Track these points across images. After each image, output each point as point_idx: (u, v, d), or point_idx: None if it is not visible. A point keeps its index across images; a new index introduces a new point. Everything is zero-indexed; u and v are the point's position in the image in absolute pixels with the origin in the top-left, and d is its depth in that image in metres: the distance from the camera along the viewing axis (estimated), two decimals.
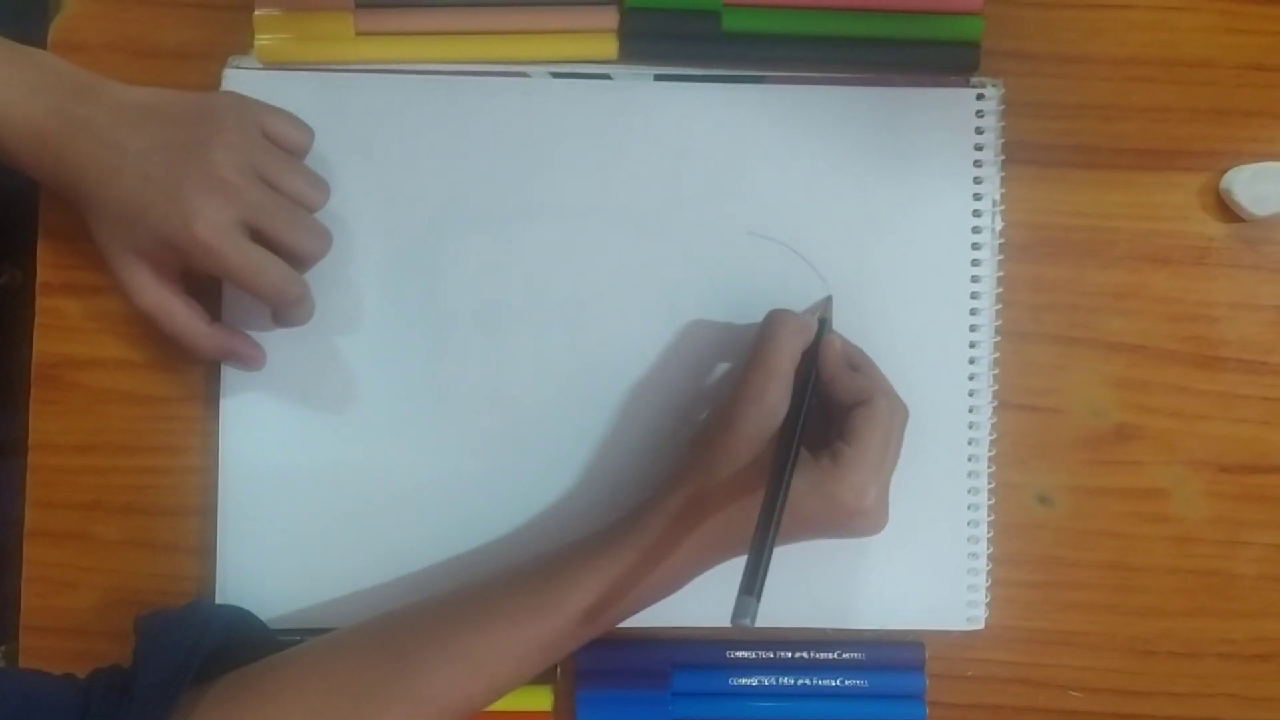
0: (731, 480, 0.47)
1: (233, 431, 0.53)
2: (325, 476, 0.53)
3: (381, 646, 0.47)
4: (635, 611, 0.48)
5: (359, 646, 0.48)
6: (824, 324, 0.51)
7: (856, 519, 0.46)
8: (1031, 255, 0.55)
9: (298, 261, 0.50)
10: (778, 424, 0.47)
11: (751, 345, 0.49)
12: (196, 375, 0.54)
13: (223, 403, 0.53)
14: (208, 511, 0.54)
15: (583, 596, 0.47)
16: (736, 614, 0.41)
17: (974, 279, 0.54)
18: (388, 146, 0.54)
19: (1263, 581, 0.55)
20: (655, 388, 0.54)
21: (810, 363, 0.49)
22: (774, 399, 0.47)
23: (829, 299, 0.53)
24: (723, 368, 0.54)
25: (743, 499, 0.46)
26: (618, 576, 0.47)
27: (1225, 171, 0.55)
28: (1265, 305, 0.56)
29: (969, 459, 0.54)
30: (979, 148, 0.54)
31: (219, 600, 0.53)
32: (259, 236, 0.48)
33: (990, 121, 0.54)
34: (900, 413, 0.48)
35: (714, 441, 0.47)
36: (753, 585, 0.42)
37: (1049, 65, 0.56)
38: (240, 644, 0.48)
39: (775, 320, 0.49)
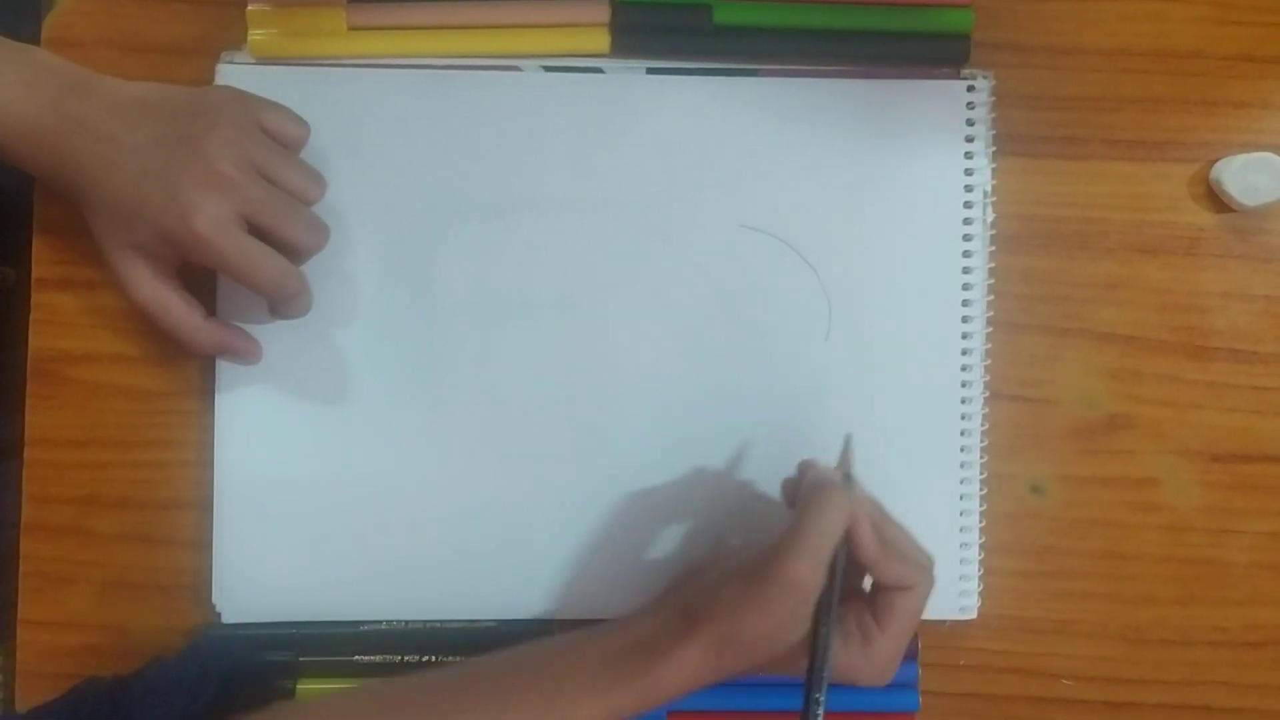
0: (760, 649, 0.44)
1: (228, 426, 0.53)
2: (321, 470, 0.54)
3: None
4: None
5: None
6: (850, 480, 0.48)
7: (870, 685, 0.46)
8: (1023, 246, 0.55)
9: (295, 255, 0.50)
10: (810, 607, 0.45)
11: (791, 514, 0.46)
12: (192, 369, 0.54)
13: (218, 397, 0.53)
14: (204, 505, 0.54)
15: None
16: None
17: (965, 270, 0.54)
18: (381, 141, 0.54)
19: (1254, 570, 0.56)
20: (648, 380, 0.54)
21: (840, 541, 0.46)
22: (810, 587, 0.44)
23: (848, 439, 0.51)
24: (716, 362, 0.54)
25: (768, 665, 0.45)
26: (616, 716, 0.45)
27: (1215, 162, 0.55)
28: (1255, 295, 0.56)
29: (961, 449, 0.54)
30: (970, 139, 0.54)
31: (215, 594, 0.53)
32: (256, 230, 0.48)
33: (981, 113, 0.54)
34: (931, 585, 0.47)
35: (742, 615, 0.44)
36: None
37: (1040, 57, 0.56)
38: (238, 689, 0.48)
39: (825, 500, 0.46)
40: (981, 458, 0.55)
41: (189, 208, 0.46)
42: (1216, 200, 0.56)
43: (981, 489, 0.55)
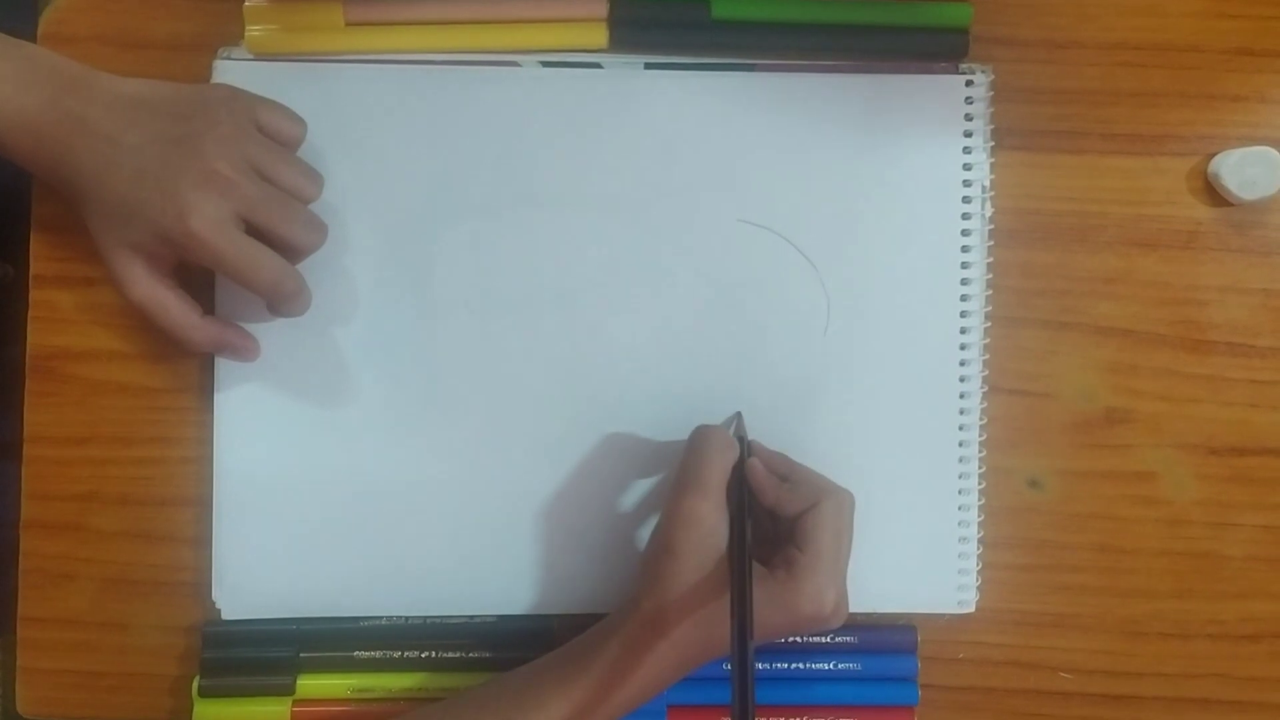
0: (685, 601, 0.46)
1: (227, 423, 0.53)
2: (319, 466, 0.54)
3: None
4: None
5: None
6: (743, 442, 0.50)
7: (817, 623, 0.46)
8: (1021, 240, 0.55)
9: (293, 254, 0.50)
10: (720, 544, 0.46)
11: (678, 465, 0.49)
12: (190, 366, 0.54)
13: (217, 395, 0.53)
14: (203, 502, 0.54)
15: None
16: None
17: (964, 264, 0.54)
18: (379, 136, 0.54)
19: (1251, 563, 0.56)
20: (647, 374, 0.54)
21: (740, 477, 0.48)
22: (710, 520, 0.46)
23: (738, 415, 0.53)
24: (714, 357, 0.54)
25: (700, 614, 0.46)
26: (582, 702, 0.46)
27: (1213, 156, 0.55)
28: (1253, 289, 0.56)
29: (960, 444, 0.54)
30: (968, 134, 0.54)
31: (215, 591, 0.53)
32: (254, 230, 0.48)
33: (979, 108, 0.54)
34: (847, 505, 0.48)
35: (660, 568, 0.46)
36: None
37: (1038, 51, 0.56)
38: None
39: (701, 437, 0.49)
40: (980, 452, 0.55)
41: (186, 208, 0.46)
42: (1214, 194, 0.56)
43: (980, 483, 0.55)
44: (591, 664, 0.47)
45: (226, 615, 0.54)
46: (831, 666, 0.54)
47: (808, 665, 0.54)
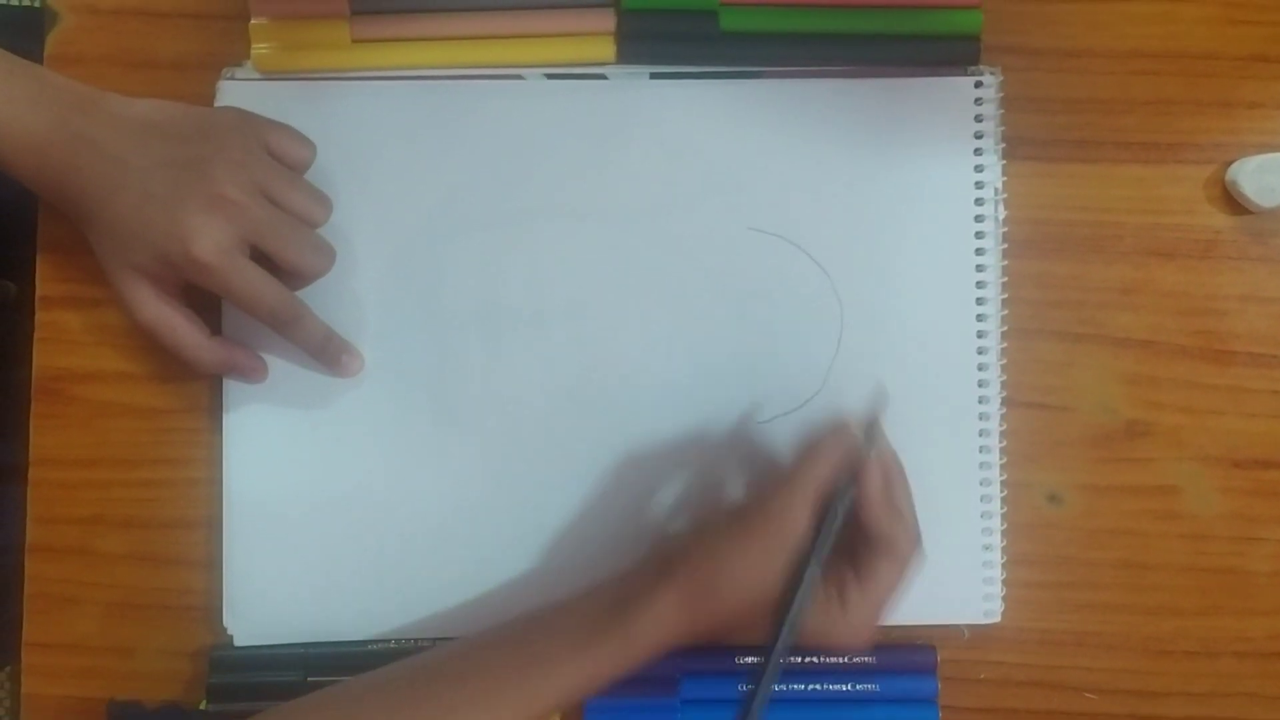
0: (736, 595, 0.44)
1: (236, 444, 0.53)
2: (329, 488, 0.53)
3: None
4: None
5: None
6: (874, 434, 0.47)
7: (843, 651, 0.46)
8: (1036, 251, 0.55)
9: (300, 278, 0.50)
10: (794, 548, 0.45)
11: (791, 455, 0.47)
12: (197, 387, 0.54)
13: (226, 416, 0.53)
14: (211, 524, 0.53)
15: (560, 687, 0.45)
16: None
17: (979, 268, 0.54)
18: (386, 152, 0.54)
19: (1278, 578, 0.55)
20: (660, 388, 0.53)
21: (844, 488, 0.46)
22: (795, 522, 0.45)
23: (881, 386, 0.50)
24: (727, 368, 0.53)
25: (742, 614, 0.45)
26: (597, 674, 0.45)
27: (1230, 164, 0.55)
28: (1274, 297, 0.55)
29: (980, 458, 0.54)
30: (979, 135, 0.54)
31: (226, 617, 0.53)
32: (260, 254, 0.48)
33: (990, 110, 0.54)
34: (918, 563, 0.46)
35: (722, 552, 0.45)
36: None
37: (1050, 59, 0.55)
38: None
39: (823, 446, 0.46)
40: (1000, 460, 0.54)
41: (191, 232, 0.46)
42: (1232, 202, 0.55)
43: (1001, 495, 0.54)
44: (610, 636, 0.45)
45: (239, 641, 0.53)
46: (850, 688, 0.53)
47: (826, 687, 0.53)
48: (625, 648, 0.45)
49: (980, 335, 0.54)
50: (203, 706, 0.52)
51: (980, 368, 0.54)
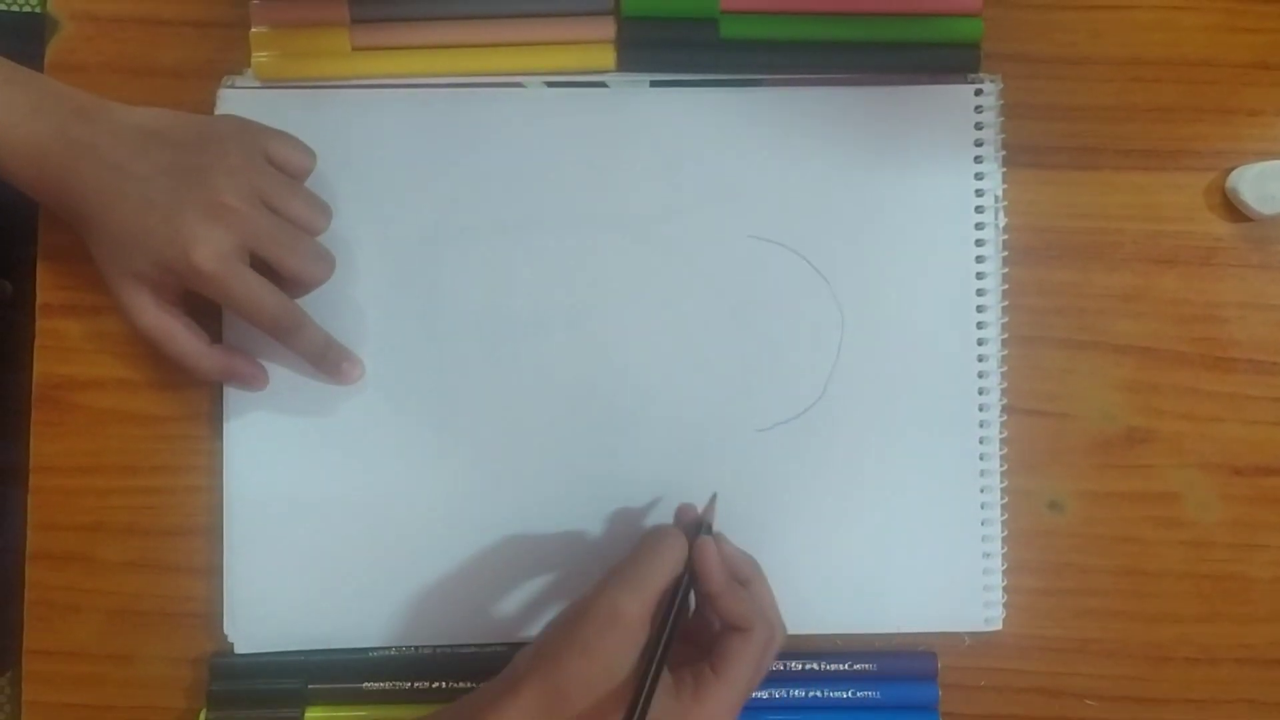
0: (583, 703, 0.42)
1: (237, 452, 0.53)
2: (331, 494, 0.53)
3: None
4: None
5: None
6: (703, 526, 0.48)
7: None
8: (1036, 258, 0.55)
9: (300, 286, 0.50)
10: (637, 650, 0.43)
11: (623, 557, 0.45)
12: (198, 394, 0.54)
13: (226, 423, 0.53)
14: (211, 531, 0.53)
15: None
16: None
17: (979, 275, 0.54)
18: (385, 161, 0.54)
19: (1278, 585, 0.55)
20: (660, 395, 0.53)
21: (680, 584, 0.45)
22: (636, 624, 0.43)
23: (713, 496, 0.51)
24: (727, 376, 0.53)
25: (596, 718, 0.42)
26: None
27: (1231, 171, 0.55)
28: (1274, 305, 0.55)
29: (980, 465, 0.54)
30: (979, 143, 0.54)
31: (227, 625, 0.53)
32: (261, 261, 0.48)
33: (990, 117, 0.54)
34: (777, 640, 0.46)
35: (565, 662, 0.42)
36: None
37: (1050, 67, 0.55)
38: None
39: (654, 537, 0.46)
40: (1002, 466, 0.54)
41: (191, 240, 0.46)
42: (1233, 209, 0.55)
43: (1002, 501, 0.54)
44: None
45: (240, 649, 0.53)
46: (851, 695, 0.53)
47: (826, 694, 0.53)
48: None
49: (981, 342, 0.54)
50: (203, 715, 0.52)
51: (981, 375, 0.54)
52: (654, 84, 0.54)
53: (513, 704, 0.42)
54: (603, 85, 0.54)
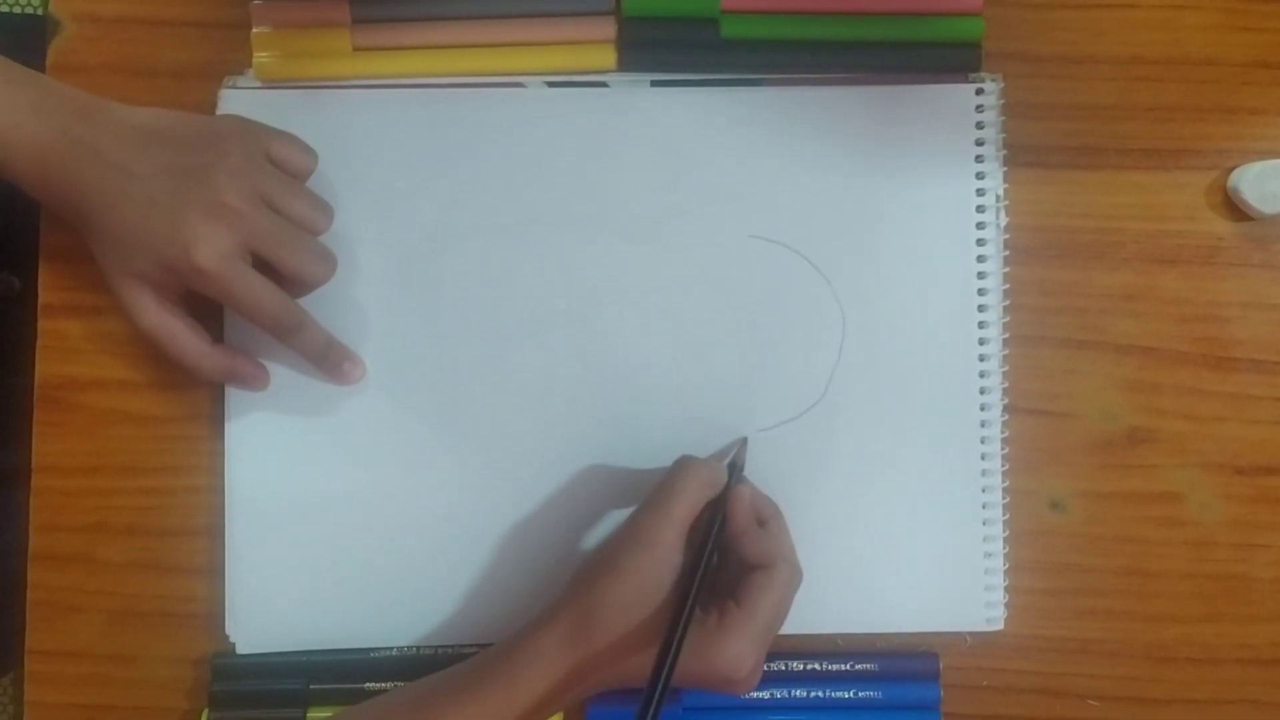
0: (615, 626, 0.44)
1: (239, 452, 0.53)
2: (333, 495, 0.53)
3: None
4: None
5: None
6: (735, 469, 0.49)
7: (727, 685, 0.45)
8: (1038, 258, 0.55)
9: (302, 285, 0.50)
10: (670, 574, 0.45)
11: (652, 487, 0.47)
12: (200, 395, 0.54)
13: (228, 424, 0.53)
14: (213, 532, 0.53)
15: None
16: None
17: (980, 275, 0.54)
18: (386, 161, 0.54)
19: None
20: (662, 395, 0.53)
21: (715, 514, 0.47)
22: (667, 547, 0.45)
23: (744, 440, 0.52)
24: (729, 376, 0.53)
25: (627, 648, 0.44)
26: (482, 716, 0.45)
27: (1232, 170, 0.55)
28: (1276, 304, 0.55)
29: (982, 464, 0.54)
30: (980, 143, 0.54)
31: (228, 625, 0.53)
32: (262, 262, 0.48)
33: (991, 116, 0.54)
34: (796, 580, 0.47)
35: (599, 585, 0.45)
36: None
37: (1051, 66, 0.55)
38: None
39: (683, 469, 0.47)
40: (1003, 466, 0.54)
41: (193, 240, 0.46)
42: (1234, 209, 0.55)
43: (1004, 501, 0.54)
44: (494, 679, 0.45)
45: (241, 649, 0.53)
46: (852, 695, 0.53)
47: (828, 694, 0.53)
48: (510, 688, 0.45)
49: (982, 342, 0.54)
50: (205, 715, 0.52)
51: (982, 374, 0.54)
52: (655, 84, 0.54)
53: (549, 629, 0.45)
54: (603, 85, 0.54)
